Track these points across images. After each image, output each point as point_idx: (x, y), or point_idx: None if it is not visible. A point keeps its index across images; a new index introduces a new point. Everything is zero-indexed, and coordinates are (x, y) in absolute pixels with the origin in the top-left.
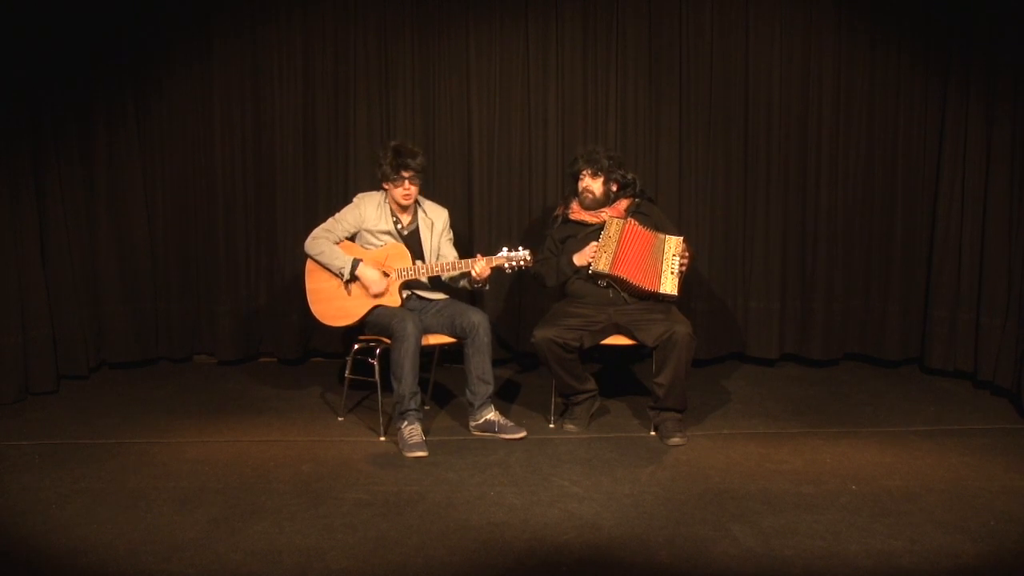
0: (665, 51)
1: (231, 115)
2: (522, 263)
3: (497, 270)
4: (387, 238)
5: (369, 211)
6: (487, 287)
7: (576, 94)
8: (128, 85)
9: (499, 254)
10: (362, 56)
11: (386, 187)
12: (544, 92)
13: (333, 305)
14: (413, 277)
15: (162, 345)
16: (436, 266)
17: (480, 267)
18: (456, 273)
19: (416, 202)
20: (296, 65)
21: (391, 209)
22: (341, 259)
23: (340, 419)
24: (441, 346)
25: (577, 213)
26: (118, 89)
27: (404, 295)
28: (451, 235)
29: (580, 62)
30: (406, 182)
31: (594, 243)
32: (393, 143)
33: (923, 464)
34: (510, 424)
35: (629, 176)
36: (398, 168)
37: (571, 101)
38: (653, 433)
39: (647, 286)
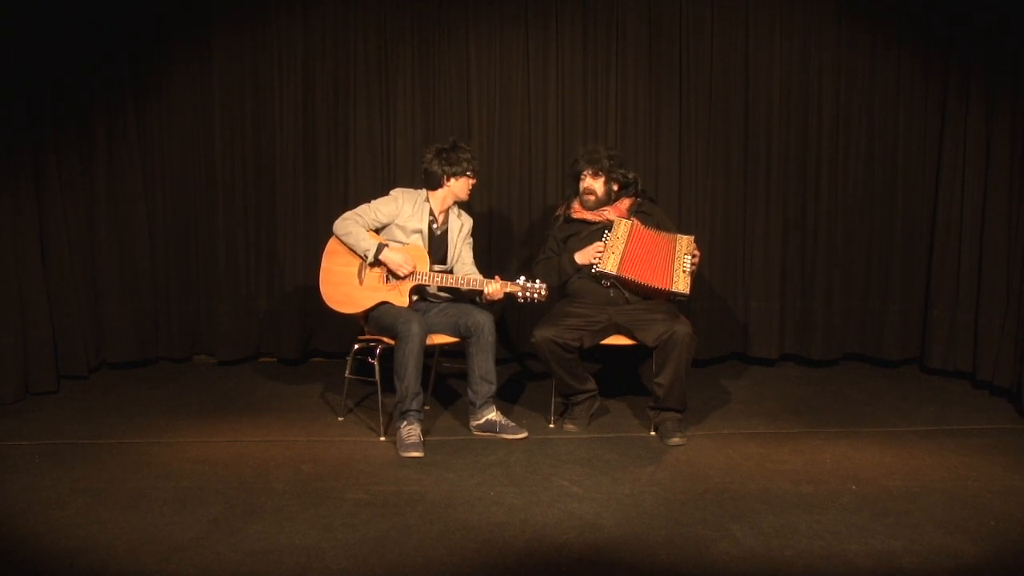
0: (665, 51)
1: (231, 115)
2: (536, 296)
3: (510, 297)
4: (416, 237)
5: (406, 207)
6: (495, 305)
7: (576, 94)
8: (128, 85)
9: (516, 281)
10: (362, 56)
11: (449, 184)
12: (544, 92)
13: (341, 290)
14: (426, 283)
15: (162, 345)
16: (450, 278)
17: (493, 288)
18: (471, 289)
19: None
20: (296, 65)
21: (430, 209)
22: (367, 242)
23: (340, 419)
24: (441, 345)
25: (579, 212)
26: (118, 89)
27: (412, 297)
28: (471, 240)
29: (580, 62)
30: (473, 177)
31: (598, 243)
32: (452, 138)
33: (923, 464)
34: (511, 424)
35: (630, 176)
36: (472, 161)
37: (571, 101)
38: (653, 433)
39: (660, 285)
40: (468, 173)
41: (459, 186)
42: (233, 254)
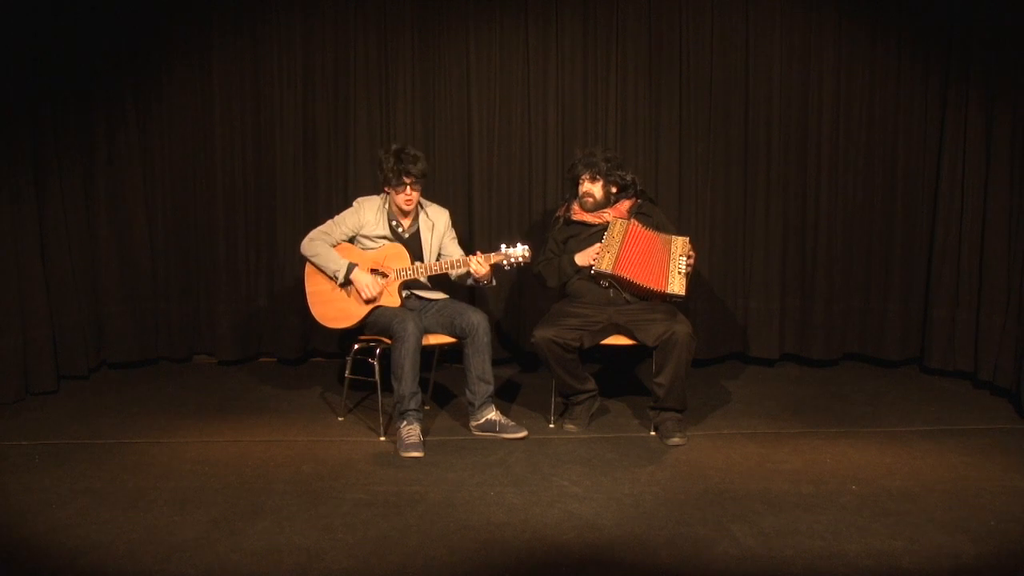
0: (665, 51)
1: (231, 115)
2: (520, 260)
3: (497, 267)
4: (384, 243)
5: (368, 216)
6: (493, 283)
7: (576, 94)
8: (128, 85)
9: (497, 251)
10: (362, 56)
11: (387, 191)
12: (544, 92)
13: (334, 307)
14: (412, 277)
15: (162, 345)
16: (434, 266)
17: (475, 265)
18: (459, 271)
19: (418, 204)
20: (296, 65)
21: (391, 213)
22: (336, 262)
23: (340, 419)
24: (441, 346)
25: (579, 214)
26: (118, 89)
27: (403, 295)
28: (454, 234)
29: (580, 62)
30: (408, 188)
31: (597, 244)
32: (395, 147)
33: (923, 464)
34: (511, 424)
35: (628, 177)
36: (400, 174)
37: (571, 101)
38: (653, 433)
39: (654, 286)
40: (394, 183)
41: (393, 194)
42: (233, 254)
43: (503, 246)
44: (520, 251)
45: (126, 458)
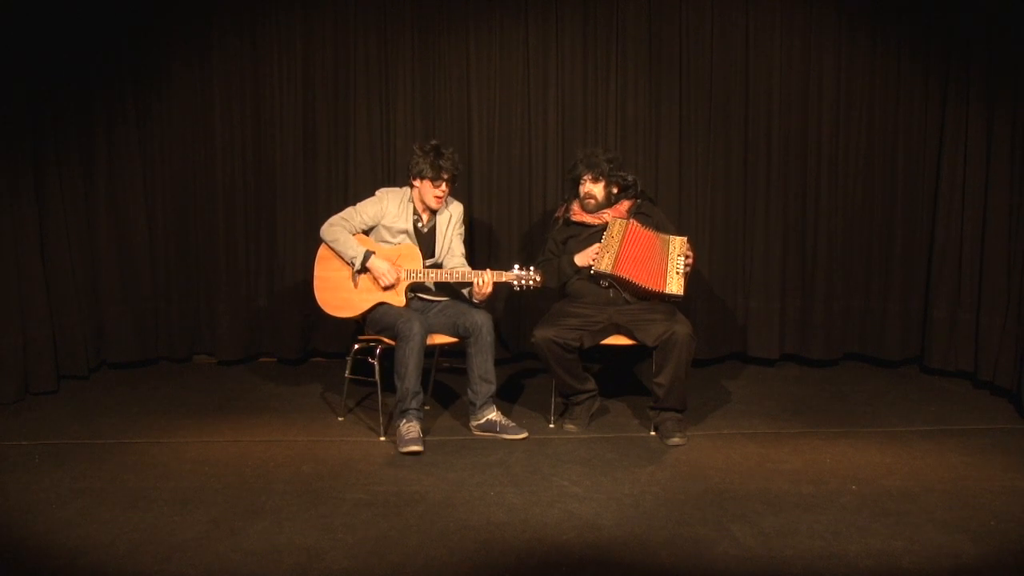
0: (665, 51)
1: (231, 115)
2: (531, 283)
3: (504, 286)
4: (403, 237)
5: (391, 207)
6: (481, 306)
7: (576, 94)
8: (128, 85)
9: (510, 271)
10: (362, 56)
11: (417, 184)
12: (544, 92)
13: (338, 295)
14: (421, 280)
15: (162, 345)
16: (445, 273)
17: (486, 279)
18: (462, 281)
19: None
20: (296, 65)
21: (414, 207)
22: (354, 248)
23: (340, 419)
24: (441, 345)
25: (578, 214)
26: (118, 89)
27: (408, 296)
28: (462, 230)
29: (580, 62)
30: (444, 184)
31: (596, 244)
32: (434, 142)
33: (923, 464)
34: (512, 425)
35: (630, 178)
36: (440, 170)
37: (571, 101)
38: (653, 433)
39: (652, 286)
40: (430, 176)
41: (423, 188)
42: (233, 254)
43: (516, 267)
44: (532, 274)
45: (126, 458)
